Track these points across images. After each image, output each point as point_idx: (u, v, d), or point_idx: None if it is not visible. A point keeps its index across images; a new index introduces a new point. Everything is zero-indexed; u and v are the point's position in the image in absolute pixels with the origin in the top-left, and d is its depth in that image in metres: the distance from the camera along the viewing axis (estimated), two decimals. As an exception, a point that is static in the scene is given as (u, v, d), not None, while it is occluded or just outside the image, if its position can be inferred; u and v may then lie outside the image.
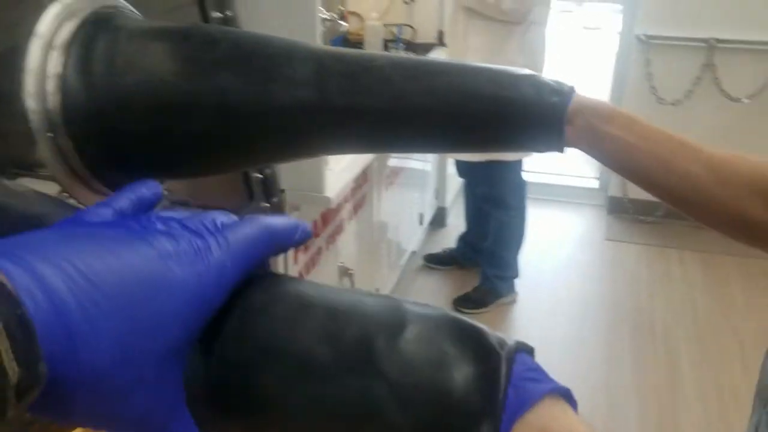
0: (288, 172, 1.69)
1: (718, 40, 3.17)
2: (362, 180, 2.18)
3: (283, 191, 1.62)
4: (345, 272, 2.07)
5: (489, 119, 0.71)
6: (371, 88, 0.71)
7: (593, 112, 0.69)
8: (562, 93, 0.70)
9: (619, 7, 3.51)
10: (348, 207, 2.09)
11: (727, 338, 2.63)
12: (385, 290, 2.70)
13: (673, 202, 0.72)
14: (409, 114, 0.71)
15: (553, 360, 2.51)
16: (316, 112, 0.71)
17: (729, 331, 2.67)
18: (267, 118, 0.71)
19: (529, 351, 0.40)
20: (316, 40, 1.49)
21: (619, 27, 3.54)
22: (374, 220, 2.37)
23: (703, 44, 3.20)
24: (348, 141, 0.77)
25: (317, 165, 1.62)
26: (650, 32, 3.26)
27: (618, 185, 3.55)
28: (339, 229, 2.03)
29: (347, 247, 2.14)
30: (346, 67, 0.72)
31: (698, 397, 2.33)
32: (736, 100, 3.24)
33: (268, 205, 1.46)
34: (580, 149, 0.71)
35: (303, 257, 1.79)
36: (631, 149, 0.69)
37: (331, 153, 0.79)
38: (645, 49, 3.29)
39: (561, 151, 0.73)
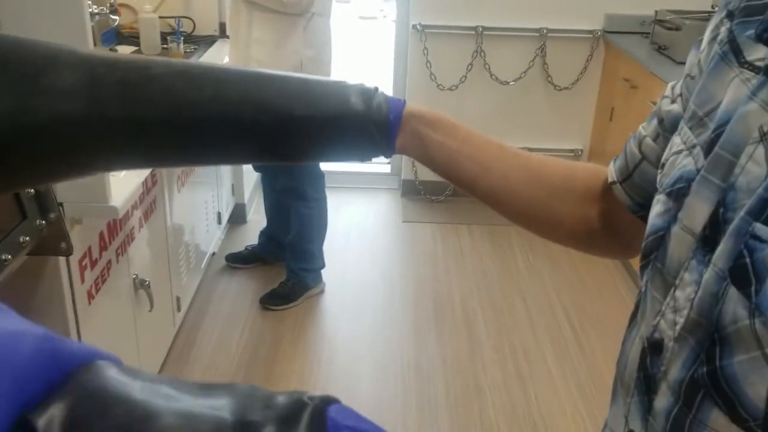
0: (66, 183, 1.53)
1: (485, 28, 3.43)
2: (151, 183, 2.05)
3: (61, 205, 1.47)
4: (141, 284, 1.94)
5: (288, 132, 0.68)
6: (151, 97, 0.63)
7: (420, 119, 0.70)
8: (372, 100, 0.68)
9: (394, -3, 3.65)
10: (138, 213, 1.95)
11: (516, 302, 2.87)
12: (187, 297, 2.58)
13: (495, 204, 0.74)
14: (196, 125, 0.66)
15: (366, 343, 2.57)
16: (89, 125, 0.63)
17: (516, 295, 2.92)
18: (30, 135, 0.60)
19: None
20: (86, 37, 1.35)
21: (395, 17, 3.68)
22: (168, 225, 2.25)
23: (472, 32, 3.44)
24: (132, 156, 0.69)
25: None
26: (425, 22, 3.43)
27: (409, 169, 3.71)
28: (129, 239, 1.89)
29: (141, 257, 2.00)
30: (122, 74, 0.64)
31: (496, 360, 2.52)
32: (504, 83, 3.53)
33: (44, 222, 1.31)
34: (408, 155, 0.71)
35: (90, 274, 1.64)
36: (455, 154, 0.70)
37: (117, 169, 0.71)
38: (421, 38, 3.46)
39: (388, 156, 0.72)
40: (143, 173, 1.76)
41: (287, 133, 0.66)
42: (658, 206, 0.57)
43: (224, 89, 0.64)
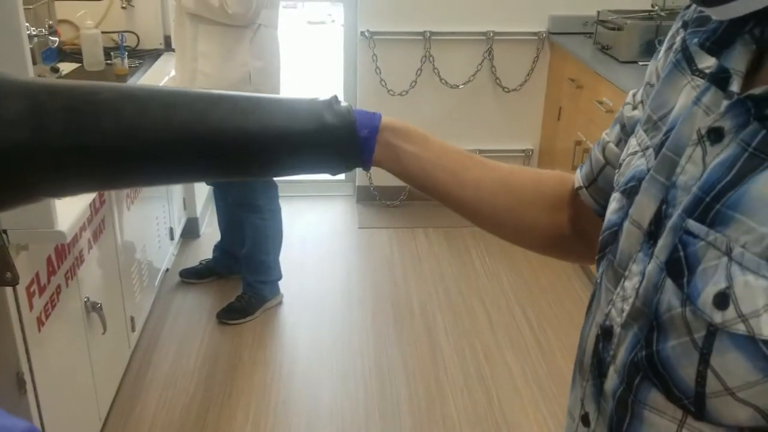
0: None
1: (433, 33, 3.45)
2: (99, 203, 2.01)
3: (5, 232, 1.42)
4: (93, 307, 1.90)
5: (241, 151, 0.68)
6: (99, 124, 0.62)
7: (393, 131, 0.71)
8: (325, 115, 0.68)
9: (340, 4, 3.64)
10: (86, 235, 1.91)
11: (474, 304, 2.90)
12: (142, 316, 2.53)
13: (468, 213, 0.75)
14: (147, 150, 0.65)
15: (326, 352, 2.56)
16: (35, 154, 0.61)
17: (475, 297, 2.94)
18: None
19: None
20: (25, 60, 1.32)
21: (343, 23, 3.68)
22: (119, 244, 2.20)
23: (420, 38, 3.46)
24: (82, 182, 0.68)
25: (42, 196, 1.45)
26: (373, 28, 3.44)
27: (363, 175, 3.71)
28: (79, 261, 1.84)
29: (92, 279, 1.95)
30: (66, 101, 0.62)
31: (456, 363, 2.54)
32: (454, 86, 3.56)
33: (-15, 250, 1.27)
34: (382, 167, 0.72)
35: (39, 301, 1.60)
36: (428, 166, 0.72)
37: (67, 195, 0.70)
38: (370, 44, 3.47)
39: (366, 170, 0.73)
40: (89, 194, 1.72)
41: (240, 152, 0.65)
42: (613, 203, 0.61)
43: (174, 112, 0.64)
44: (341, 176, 4.20)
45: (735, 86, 0.49)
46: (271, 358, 2.53)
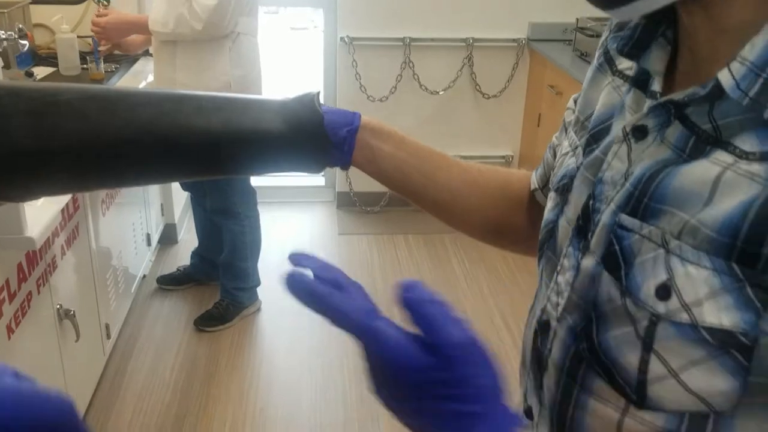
0: (-24, 213, 1.46)
1: (413, 39, 3.46)
2: (73, 209, 1.98)
3: (-29, 238, 1.39)
4: (66, 314, 1.86)
5: (210, 150, 0.67)
6: (62, 126, 0.61)
7: (371, 131, 0.71)
8: (298, 112, 0.68)
9: (320, 10, 3.63)
10: (59, 241, 1.88)
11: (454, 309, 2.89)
12: (117, 323, 2.49)
13: (440, 213, 0.76)
14: (113, 151, 0.64)
15: (305, 360, 2.54)
16: None
17: (454, 302, 2.92)
18: None
19: None
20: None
21: (323, 28, 3.67)
22: (93, 250, 2.17)
23: (400, 43, 3.46)
24: (48, 185, 0.67)
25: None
26: (352, 34, 3.44)
27: (343, 181, 3.70)
28: (51, 267, 1.81)
29: (65, 286, 1.92)
30: (29, 104, 0.61)
31: (436, 369, 2.53)
32: (434, 92, 3.57)
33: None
34: (358, 167, 0.73)
35: (9, 308, 1.57)
36: (403, 166, 0.73)
37: (33, 198, 0.69)
38: (350, 50, 3.46)
39: (345, 168, 0.73)
40: (62, 200, 1.70)
41: (206, 151, 0.65)
42: (549, 202, 0.64)
43: (139, 112, 0.63)
44: (321, 182, 4.18)
45: (656, 86, 0.53)
46: (249, 366, 2.51)
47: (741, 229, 0.42)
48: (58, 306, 1.84)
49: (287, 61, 7.35)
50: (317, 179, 3.99)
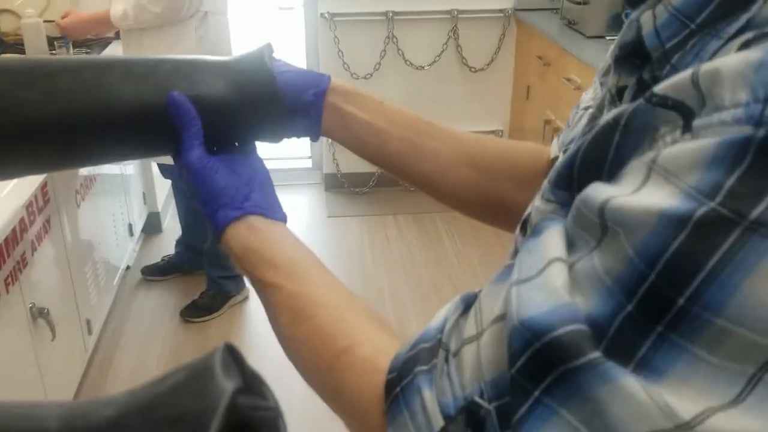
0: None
1: (396, 13, 3.35)
2: (42, 202, 1.89)
3: None
4: (39, 313, 1.79)
5: (135, 121, 0.58)
6: None
7: (343, 96, 0.63)
8: (253, 72, 0.60)
9: (301, -15, 3.53)
10: (29, 237, 1.79)
11: (446, 290, 2.83)
12: (100, 318, 2.42)
13: (427, 187, 0.67)
14: (33, 125, 0.56)
15: (293, 349, 2.47)
16: None
17: (447, 283, 2.87)
18: None
19: None
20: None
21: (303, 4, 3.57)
22: (68, 243, 2.09)
23: (383, 17, 3.36)
24: None
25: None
26: (333, 9, 3.33)
27: (330, 162, 3.61)
28: (21, 265, 1.73)
29: (39, 283, 1.84)
30: None
31: (429, 352, 2.47)
32: (419, 68, 3.47)
33: None
34: (330, 137, 0.64)
35: (-28, 310, 1.49)
36: (381, 134, 0.64)
37: None
38: (331, 26, 3.36)
39: (314, 139, 0.64)
40: (26, 192, 1.61)
41: (140, 124, 0.57)
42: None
43: (59, 81, 0.55)
44: (308, 164, 4.09)
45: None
46: (237, 356, 2.44)
47: (568, 157, 0.39)
48: (30, 305, 1.77)
49: (273, 42, 7.21)
50: (304, 161, 3.90)
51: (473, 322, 0.38)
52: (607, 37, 2.77)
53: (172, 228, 3.20)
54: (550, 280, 0.33)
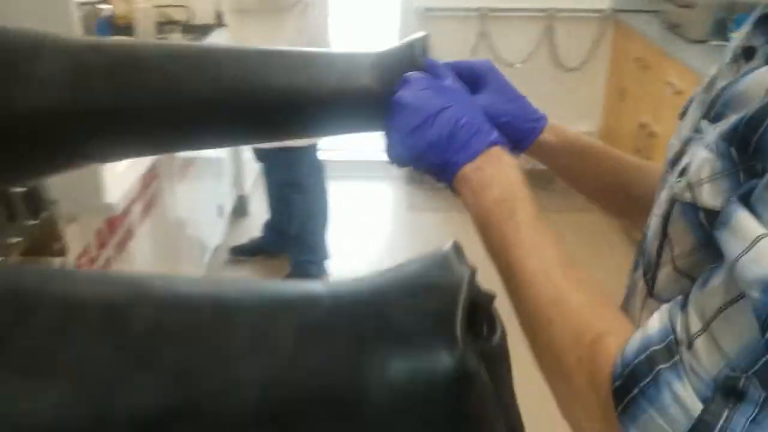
0: (59, 178, 1.45)
1: (491, 9, 3.33)
2: (150, 177, 1.98)
3: (54, 203, 1.40)
4: (142, 281, 1.87)
5: (292, 108, 0.62)
6: (145, 82, 0.57)
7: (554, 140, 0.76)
8: (387, 71, 0.63)
9: (395, -20, 3.55)
10: (137, 209, 1.88)
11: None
12: (191, 292, 2.51)
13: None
14: (197, 108, 0.59)
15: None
16: (75, 115, 0.56)
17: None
18: (11, 128, 0.56)
19: None
20: (72, 28, 1.28)
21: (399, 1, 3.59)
22: (169, 219, 2.18)
23: (476, 14, 3.35)
24: (126, 146, 0.63)
25: (93, 167, 1.42)
26: (428, 5, 3.34)
27: (413, 156, 3.62)
28: (129, 235, 1.82)
29: (142, 253, 1.93)
30: (111, 59, 0.57)
31: (529, 358, 2.45)
32: (511, 65, 3.44)
33: (35, 222, 1.24)
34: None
35: (89, 273, 1.57)
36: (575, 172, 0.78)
37: (112, 160, 0.66)
38: (424, 21, 3.37)
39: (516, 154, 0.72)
40: (140, 167, 1.69)
41: (290, 109, 0.61)
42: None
43: (224, 69, 0.59)
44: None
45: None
46: (318, 340, 2.49)
47: (745, 117, 0.42)
48: (135, 273, 1.86)
49: (361, 34, 7.27)
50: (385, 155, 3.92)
51: (696, 319, 0.40)
52: (712, 42, 2.68)
53: (258, 212, 3.28)
54: (762, 252, 0.36)
